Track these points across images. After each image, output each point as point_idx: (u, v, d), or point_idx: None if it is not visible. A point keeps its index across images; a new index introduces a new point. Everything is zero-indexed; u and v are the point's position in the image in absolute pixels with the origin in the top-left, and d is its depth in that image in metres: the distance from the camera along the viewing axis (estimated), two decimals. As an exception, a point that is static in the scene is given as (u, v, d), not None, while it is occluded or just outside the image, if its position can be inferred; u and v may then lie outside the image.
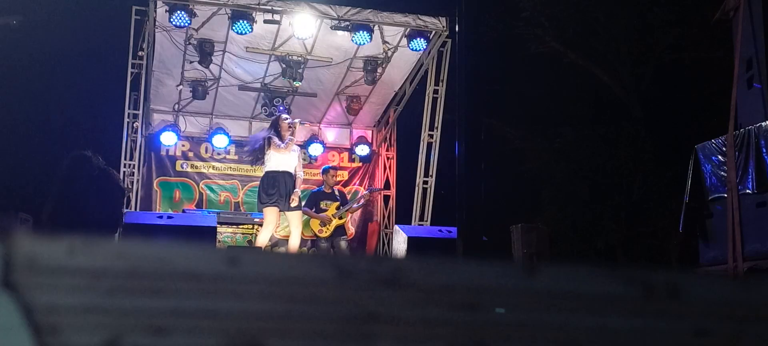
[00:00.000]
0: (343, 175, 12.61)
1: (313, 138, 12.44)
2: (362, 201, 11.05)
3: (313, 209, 10.29)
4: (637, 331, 0.97)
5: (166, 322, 0.81)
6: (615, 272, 0.96)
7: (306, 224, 10.73)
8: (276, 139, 8.17)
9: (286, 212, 8.29)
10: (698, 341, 1.00)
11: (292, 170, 8.27)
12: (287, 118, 8.52)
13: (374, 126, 13.02)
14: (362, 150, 12.67)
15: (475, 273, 0.93)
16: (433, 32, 10.19)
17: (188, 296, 0.82)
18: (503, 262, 0.93)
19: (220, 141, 11.80)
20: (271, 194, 8.12)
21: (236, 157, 12.09)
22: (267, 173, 8.23)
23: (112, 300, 0.80)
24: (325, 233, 10.33)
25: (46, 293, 0.79)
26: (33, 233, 0.80)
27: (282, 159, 8.20)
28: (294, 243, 8.38)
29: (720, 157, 8.02)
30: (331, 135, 12.83)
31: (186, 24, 9.25)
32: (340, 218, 10.37)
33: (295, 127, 8.39)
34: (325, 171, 10.72)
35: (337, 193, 10.68)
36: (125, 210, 9.20)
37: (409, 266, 0.90)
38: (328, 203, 10.47)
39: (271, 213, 8.16)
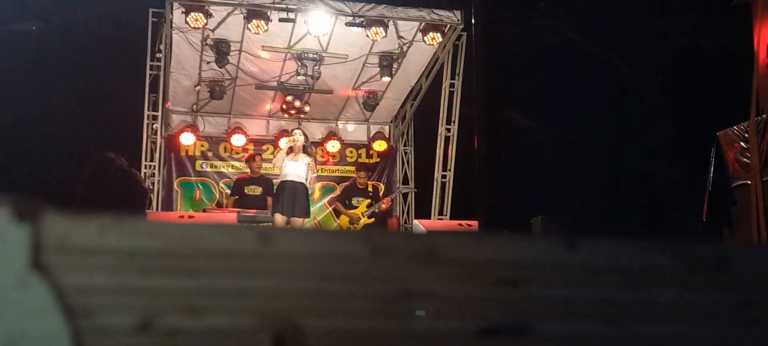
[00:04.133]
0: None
1: (331, 134, 12.45)
2: (390, 202, 11.11)
3: (345, 204, 10.40)
4: (681, 304, 0.94)
5: (200, 301, 0.79)
6: (658, 245, 0.93)
7: (329, 222, 10.84)
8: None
9: (291, 219, 8.67)
10: (744, 313, 0.97)
11: (299, 179, 8.74)
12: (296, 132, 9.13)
13: (391, 121, 13.00)
14: (380, 146, 12.67)
15: (514, 248, 0.91)
16: (448, 26, 10.15)
17: (221, 275, 0.80)
18: (542, 237, 0.91)
19: (238, 140, 11.83)
20: (276, 202, 8.85)
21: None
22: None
23: (145, 280, 0.78)
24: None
25: (77, 274, 0.77)
26: (62, 213, 0.78)
27: (290, 169, 8.75)
28: None
29: (742, 143, 7.93)
30: (348, 131, 12.82)
31: (201, 25, 9.31)
32: (370, 217, 10.38)
33: (294, 138, 8.87)
34: (359, 168, 10.85)
35: (370, 190, 10.71)
36: (148, 211, 9.28)
37: (445, 241, 0.87)
38: (360, 199, 10.52)
39: (277, 219, 8.71)
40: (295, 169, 8.73)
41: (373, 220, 10.38)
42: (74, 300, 0.76)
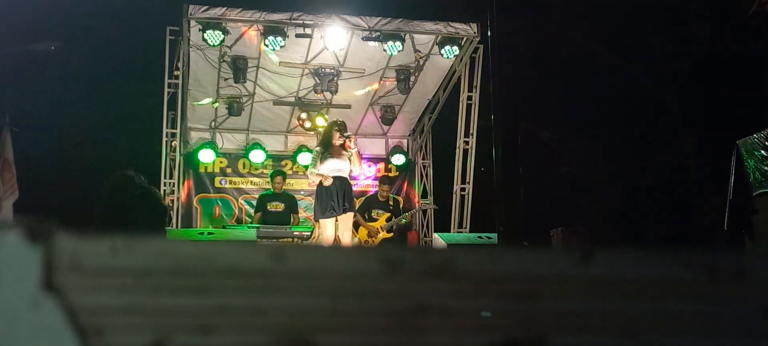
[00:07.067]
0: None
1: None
2: (410, 217, 11.11)
3: (365, 216, 10.33)
4: (701, 315, 0.92)
5: (212, 320, 0.79)
6: (676, 256, 0.92)
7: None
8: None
9: (338, 216, 8.09)
10: (764, 323, 0.95)
11: (342, 174, 8.12)
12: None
13: (409, 135, 12.99)
14: (398, 159, 12.64)
15: (529, 262, 0.90)
16: (465, 39, 10.14)
17: (234, 293, 0.80)
18: (558, 250, 0.90)
19: (256, 156, 11.84)
20: (323, 207, 8.06)
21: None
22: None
23: (157, 300, 0.78)
24: (371, 244, 10.35)
25: (89, 294, 0.77)
26: (75, 234, 0.78)
27: (335, 166, 8.11)
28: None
29: (763, 152, 7.85)
30: (366, 145, 12.81)
31: (219, 42, 9.35)
32: (389, 232, 10.32)
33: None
34: (382, 181, 10.80)
35: (391, 204, 10.65)
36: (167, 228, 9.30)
37: (460, 256, 0.86)
38: (380, 212, 10.47)
39: (324, 226, 8.10)
40: (337, 164, 8.13)
41: (391, 235, 10.33)
42: (86, 320, 0.76)
